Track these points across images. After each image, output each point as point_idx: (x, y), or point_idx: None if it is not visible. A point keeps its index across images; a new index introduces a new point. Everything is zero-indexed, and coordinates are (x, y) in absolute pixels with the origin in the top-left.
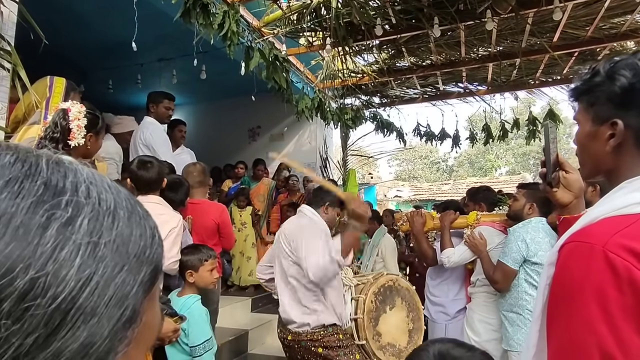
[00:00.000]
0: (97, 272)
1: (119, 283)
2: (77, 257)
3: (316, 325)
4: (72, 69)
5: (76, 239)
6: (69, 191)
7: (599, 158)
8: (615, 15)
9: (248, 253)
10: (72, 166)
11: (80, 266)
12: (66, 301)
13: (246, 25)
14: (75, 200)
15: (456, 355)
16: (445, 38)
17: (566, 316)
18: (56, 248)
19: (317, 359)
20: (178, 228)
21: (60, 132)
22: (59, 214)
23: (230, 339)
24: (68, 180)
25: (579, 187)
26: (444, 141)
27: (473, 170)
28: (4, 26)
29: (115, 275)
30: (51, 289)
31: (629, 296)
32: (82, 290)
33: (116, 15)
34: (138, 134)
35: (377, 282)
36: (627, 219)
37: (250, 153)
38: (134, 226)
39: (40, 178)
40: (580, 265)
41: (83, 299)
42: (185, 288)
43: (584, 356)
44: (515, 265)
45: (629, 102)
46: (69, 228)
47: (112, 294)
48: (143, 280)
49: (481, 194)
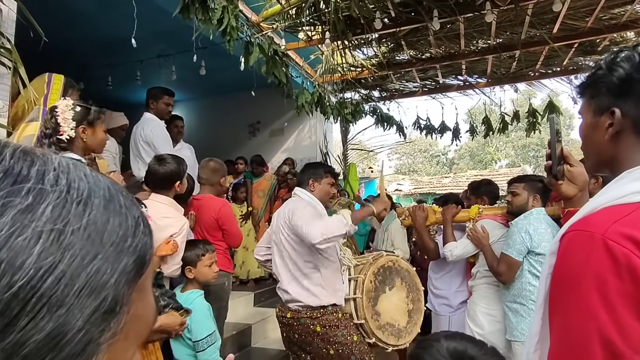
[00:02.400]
0: (62, 260)
1: (92, 272)
2: (36, 245)
3: (317, 305)
4: (71, 66)
5: (36, 226)
6: (32, 179)
7: (600, 148)
8: (615, 6)
9: (252, 247)
10: (43, 156)
11: (40, 254)
12: (25, 290)
13: (245, 21)
14: (39, 188)
15: (472, 354)
16: (444, 31)
17: (567, 303)
18: (12, 235)
19: (314, 337)
20: (182, 235)
21: (50, 128)
22: (18, 202)
23: (234, 333)
24: (34, 169)
25: (584, 180)
26: (444, 134)
27: (473, 163)
28: (4, 24)
29: (87, 264)
30: (5, 276)
31: (628, 283)
32: (43, 278)
33: (115, 12)
34: (138, 130)
35: (376, 263)
36: (626, 207)
37: (250, 148)
38: (111, 214)
39: (1, 166)
40: (580, 253)
41: (45, 288)
42: (187, 284)
43: (585, 342)
44: (519, 257)
45: (626, 92)
46: (28, 215)
47: (84, 283)
48: (125, 270)
49: (483, 188)
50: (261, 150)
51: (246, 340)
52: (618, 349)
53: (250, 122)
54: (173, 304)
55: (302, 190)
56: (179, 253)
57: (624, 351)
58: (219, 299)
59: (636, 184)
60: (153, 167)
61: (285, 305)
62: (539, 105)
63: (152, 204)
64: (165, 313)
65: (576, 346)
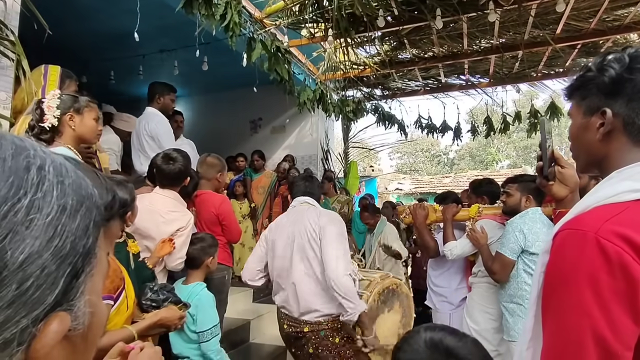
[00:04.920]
0: (68, 201)
1: (82, 215)
2: (54, 190)
3: (338, 313)
4: (74, 60)
5: (50, 177)
6: (30, 148)
7: (591, 148)
8: (619, 7)
9: (249, 244)
10: (24, 137)
11: (57, 195)
12: (55, 219)
13: (248, 17)
14: (38, 154)
15: (449, 345)
16: (447, 30)
17: (560, 301)
18: (39, 182)
19: (330, 351)
20: (188, 229)
21: (34, 119)
22: (33, 161)
23: (233, 328)
24: (26, 143)
25: (574, 181)
26: (445, 134)
27: (474, 163)
28: (8, 16)
29: (79, 208)
30: (45, 207)
31: (621, 280)
32: (63, 212)
33: (118, 6)
34: (142, 124)
35: (383, 283)
36: (617, 206)
37: (251, 145)
38: (80, 179)
39: (8, 140)
40: (573, 251)
41: (64, 218)
42: (190, 276)
43: (578, 339)
44: (513, 256)
45: (617, 91)
46: (42, 171)
47: (79, 222)
48: (95, 219)
49: (484, 187)
50: (262, 147)
51: (245, 335)
52: (611, 345)
53: (251, 118)
54: (172, 297)
55: (314, 202)
56: (183, 246)
57: (616, 348)
58: (219, 292)
59: (626, 183)
60: (161, 166)
61: (298, 320)
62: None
63: (158, 198)
64: (164, 307)
65: (570, 343)
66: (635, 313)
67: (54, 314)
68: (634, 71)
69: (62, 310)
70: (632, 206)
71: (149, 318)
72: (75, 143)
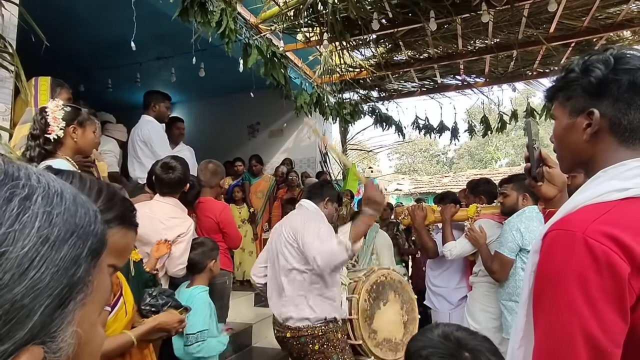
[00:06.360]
0: (52, 233)
1: (71, 245)
2: (36, 221)
3: (317, 319)
4: (71, 69)
5: (34, 208)
6: (23, 178)
7: (577, 149)
8: (611, 5)
9: (249, 248)
10: (24, 164)
11: (39, 228)
12: (31, 251)
13: (243, 23)
14: (30, 184)
15: (460, 336)
16: (441, 31)
17: (551, 301)
18: (19, 213)
19: (312, 356)
20: (189, 235)
21: (39, 128)
22: (19, 192)
23: (235, 332)
24: (21, 172)
25: (563, 181)
26: (442, 134)
27: (473, 162)
28: (6, 29)
29: (67, 238)
30: (18, 241)
31: (609, 279)
32: (42, 245)
33: (115, 15)
34: (136, 130)
35: (369, 280)
36: (604, 206)
37: (249, 149)
38: (78, 205)
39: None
40: (562, 251)
41: (43, 251)
42: (194, 280)
43: (569, 337)
44: (511, 255)
45: (603, 92)
46: (26, 202)
47: (66, 254)
48: (91, 248)
49: (481, 187)
50: (260, 151)
51: (247, 339)
52: (600, 343)
53: (249, 123)
54: (172, 302)
55: (311, 203)
56: (184, 252)
57: (605, 345)
58: (221, 298)
59: (612, 183)
60: (161, 175)
61: (283, 325)
62: (538, 104)
63: (158, 205)
64: (163, 311)
65: (560, 341)
66: (623, 310)
67: (25, 349)
68: (619, 72)
69: (37, 343)
70: (618, 205)
71: (148, 323)
72: (73, 154)
